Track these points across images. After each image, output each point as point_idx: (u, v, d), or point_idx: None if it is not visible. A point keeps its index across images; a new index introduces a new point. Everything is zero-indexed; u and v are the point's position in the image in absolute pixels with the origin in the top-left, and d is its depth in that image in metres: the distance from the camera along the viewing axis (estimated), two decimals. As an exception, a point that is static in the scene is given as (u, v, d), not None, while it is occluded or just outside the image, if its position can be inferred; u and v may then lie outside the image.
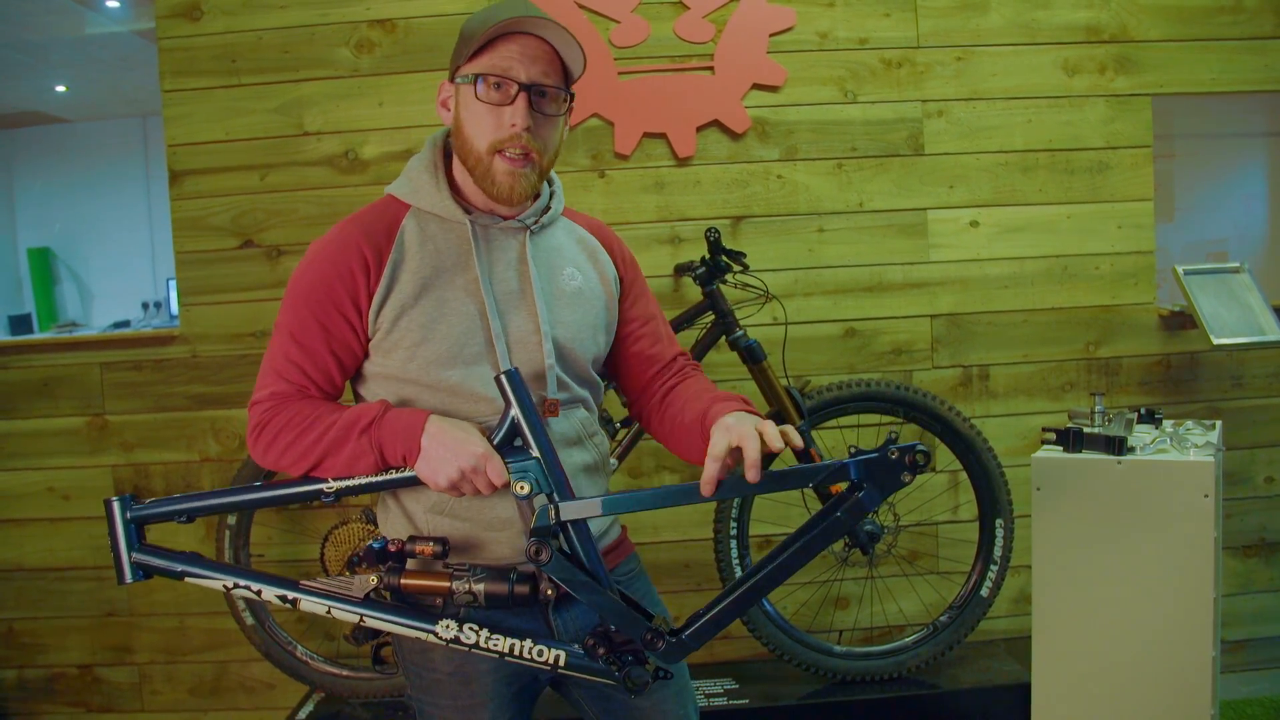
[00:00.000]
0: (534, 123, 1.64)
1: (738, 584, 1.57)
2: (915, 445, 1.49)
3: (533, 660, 1.60)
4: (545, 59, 1.65)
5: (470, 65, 1.64)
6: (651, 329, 1.87)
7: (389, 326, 1.64)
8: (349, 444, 1.58)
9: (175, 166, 3.44)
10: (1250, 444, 3.61)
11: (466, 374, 1.64)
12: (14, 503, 3.53)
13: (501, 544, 1.66)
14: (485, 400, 1.64)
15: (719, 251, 3.15)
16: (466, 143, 1.66)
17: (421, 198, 1.71)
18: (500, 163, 1.64)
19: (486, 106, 1.63)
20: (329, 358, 1.66)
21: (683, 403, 1.76)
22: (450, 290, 1.66)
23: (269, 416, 1.63)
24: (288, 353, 1.66)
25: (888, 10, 3.47)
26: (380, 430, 1.57)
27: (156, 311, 6.63)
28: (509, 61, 1.62)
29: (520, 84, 1.62)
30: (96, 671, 3.58)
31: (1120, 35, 3.52)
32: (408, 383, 1.65)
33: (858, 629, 3.55)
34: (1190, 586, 2.56)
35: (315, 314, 1.64)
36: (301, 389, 1.66)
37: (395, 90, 3.42)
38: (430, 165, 1.73)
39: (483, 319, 1.66)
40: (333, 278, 1.63)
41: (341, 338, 1.65)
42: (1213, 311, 3.31)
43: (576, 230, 1.84)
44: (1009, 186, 3.53)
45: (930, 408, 3.16)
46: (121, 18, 5.25)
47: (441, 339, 1.64)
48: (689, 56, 3.44)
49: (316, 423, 1.60)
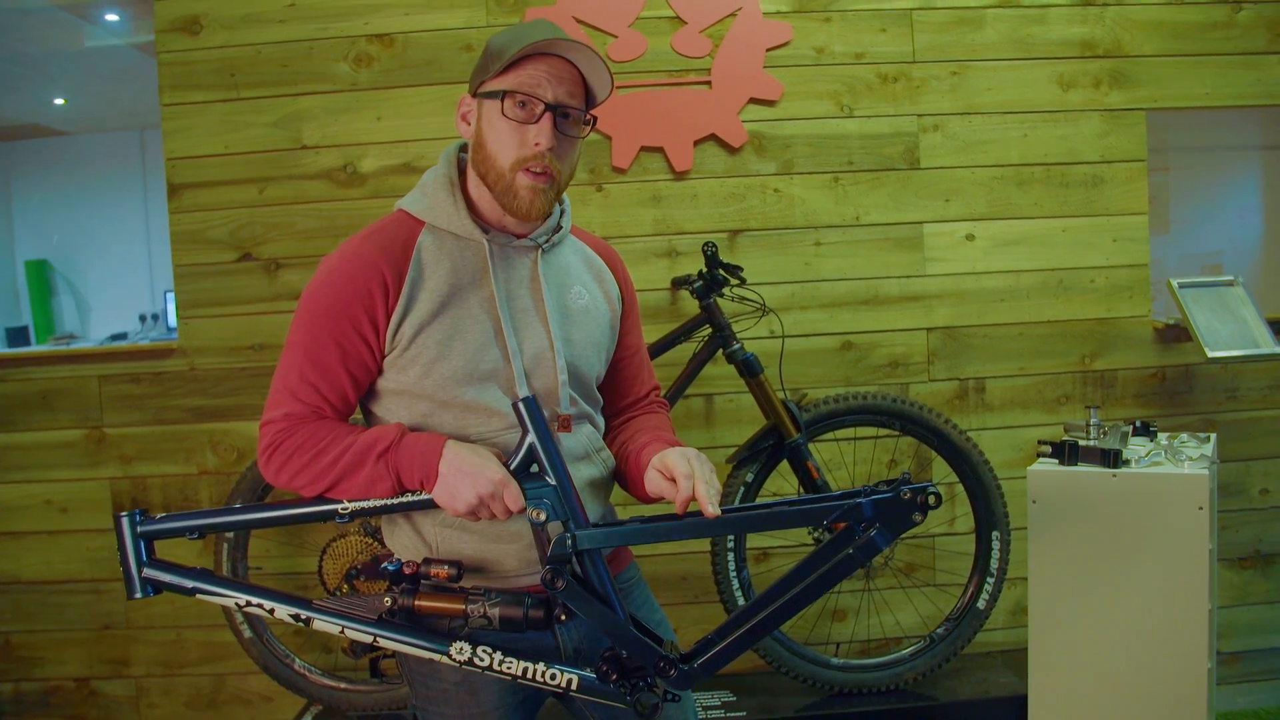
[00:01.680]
0: (556, 142, 1.65)
1: (749, 613, 1.58)
2: (928, 486, 1.50)
3: (545, 684, 1.61)
4: (571, 81, 1.66)
5: (497, 81, 1.64)
6: (637, 360, 1.91)
7: (406, 344, 1.64)
8: (365, 468, 1.58)
9: (174, 180, 3.45)
10: (1245, 456, 3.62)
11: (481, 391, 1.65)
12: (11, 515, 3.53)
13: (510, 556, 1.67)
14: (499, 416, 1.65)
15: (716, 265, 3.16)
16: (489, 158, 1.67)
17: (438, 216, 1.70)
18: (523, 178, 1.64)
19: (511, 124, 1.64)
20: (344, 376, 1.65)
21: (633, 432, 1.81)
22: (466, 308, 1.67)
23: (282, 438, 1.62)
24: (302, 372, 1.64)
25: (884, 25, 3.49)
26: (398, 455, 1.58)
27: (154, 324, 6.63)
28: (537, 80, 1.63)
29: (546, 104, 1.63)
30: (93, 685, 3.57)
31: (1114, 50, 3.55)
32: (422, 399, 1.66)
33: (855, 641, 3.56)
34: (1186, 599, 2.57)
35: (332, 334, 1.62)
36: (316, 409, 1.64)
37: (394, 104, 3.44)
38: (448, 182, 1.73)
39: (498, 336, 1.67)
40: (350, 297, 1.62)
41: (358, 356, 1.64)
42: (1207, 324, 3.33)
43: (584, 249, 1.86)
44: (1004, 200, 3.55)
45: (926, 420, 3.17)
46: (121, 31, 5.26)
47: (458, 356, 1.64)
48: (686, 71, 3.46)
49: (332, 446, 1.60)
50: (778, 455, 3.13)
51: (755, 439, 3.13)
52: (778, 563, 3.52)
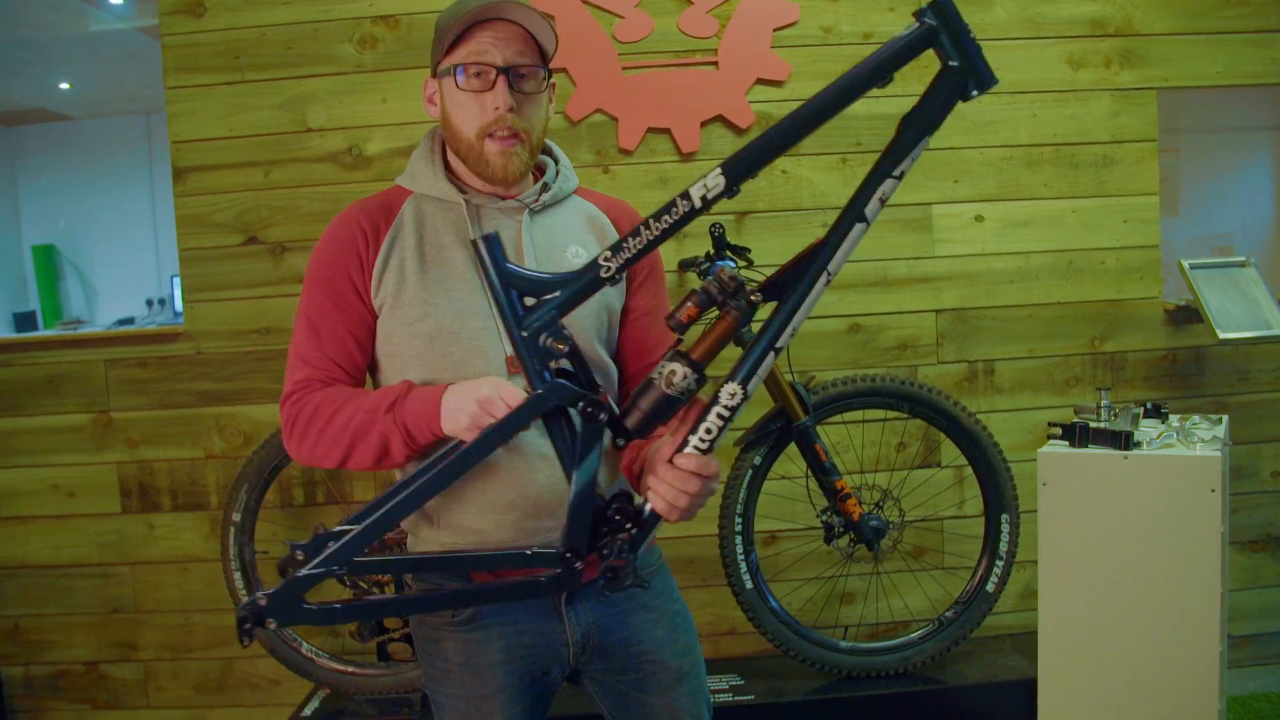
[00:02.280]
0: (517, 103, 1.67)
1: None
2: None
3: None
4: (519, 40, 1.67)
5: (448, 58, 1.68)
6: (648, 323, 1.85)
7: (392, 300, 1.68)
8: (376, 425, 1.59)
9: (179, 163, 3.44)
10: (1257, 438, 3.60)
11: (471, 349, 1.67)
12: (19, 500, 3.53)
13: (505, 527, 1.67)
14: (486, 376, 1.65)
15: (723, 247, 3.14)
16: (456, 132, 1.71)
17: (420, 182, 1.76)
18: (491, 145, 1.68)
19: (469, 94, 1.67)
20: (347, 338, 1.70)
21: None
22: (449, 267, 1.69)
23: (298, 409, 1.66)
24: (309, 338, 1.69)
25: (891, 5, 3.46)
26: (404, 407, 1.59)
27: (161, 308, 6.65)
28: (484, 47, 1.65)
29: (498, 68, 1.65)
30: (102, 668, 3.58)
31: (1125, 29, 3.51)
32: (413, 359, 1.68)
33: (863, 625, 3.55)
34: (1197, 581, 2.56)
35: (327, 295, 1.69)
36: (325, 373, 1.68)
37: (399, 86, 3.42)
38: (427, 153, 1.79)
39: (482, 294, 1.68)
40: (338, 258, 1.69)
41: (356, 314, 1.69)
42: (1218, 306, 3.31)
43: (588, 208, 1.84)
44: (1014, 181, 3.53)
45: (935, 403, 3.15)
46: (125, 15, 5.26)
47: (443, 314, 1.67)
48: (693, 51, 3.43)
49: (344, 409, 1.62)
50: (786, 438, 3.11)
51: (763, 421, 3.11)
52: (785, 545, 3.52)
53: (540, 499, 1.67)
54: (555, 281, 1.50)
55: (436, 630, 1.73)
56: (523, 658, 1.70)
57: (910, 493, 3.41)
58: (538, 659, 1.72)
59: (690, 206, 1.41)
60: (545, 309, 1.48)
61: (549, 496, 1.66)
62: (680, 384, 1.42)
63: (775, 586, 3.29)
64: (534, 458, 1.66)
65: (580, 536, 1.48)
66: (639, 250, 1.45)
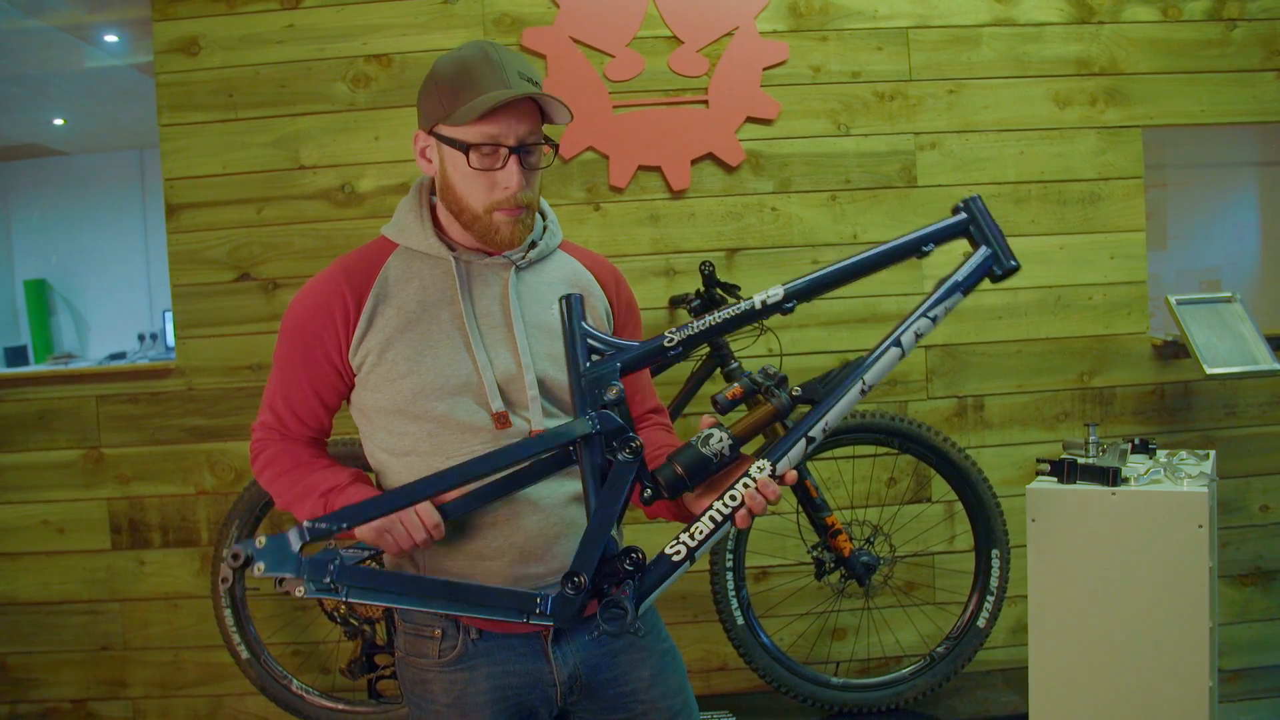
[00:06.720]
0: (525, 179, 1.67)
1: None
2: None
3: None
4: (530, 117, 1.66)
5: (458, 131, 1.64)
6: (631, 378, 1.83)
7: (375, 360, 1.68)
8: (308, 501, 1.67)
9: (172, 200, 3.45)
10: (1245, 473, 3.62)
11: (454, 405, 1.66)
12: (8, 536, 3.52)
13: (493, 575, 1.66)
14: (472, 431, 1.66)
15: (714, 284, 3.16)
16: (459, 200, 1.69)
17: (408, 237, 1.76)
18: (501, 216, 1.68)
19: (479, 173, 1.66)
20: (313, 398, 1.74)
21: None
22: (436, 324, 1.69)
23: (260, 448, 1.77)
24: (277, 391, 1.76)
25: (880, 44, 3.51)
26: (337, 499, 1.64)
27: (153, 344, 6.64)
28: (499, 130, 1.63)
29: (510, 148, 1.64)
30: (90, 706, 3.56)
31: (1110, 68, 3.56)
32: (397, 415, 1.68)
33: (855, 660, 3.54)
34: (1186, 616, 2.56)
35: (301, 356, 1.72)
36: (284, 428, 1.76)
37: (391, 124, 3.44)
38: (416, 207, 1.78)
39: (468, 351, 1.68)
40: (314, 324, 1.70)
41: (325, 379, 1.73)
42: (1206, 341, 3.33)
43: (573, 265, 1.85)
44: (1002, 218, 3.53)
45: (925, 439, 3.16)
46: (120, 52, 5.28)
47: (427, 370, 1.67)
48: (683, 90, 3.47)
49: (290, 473, 1.72)
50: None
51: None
52: (777, 581, 3.51)
53: (528, 545, 1.67)
54: (622, 345, 1.62)
55: (423, 671, 1.73)
56: (510, 698, 1.69)
57: (901, 528, 3.42)
58: (525, 699, 1.71)
59: (751, 307, 1.62)
60: (608, 362, 1.60)
61: (537, 542, 1.66)
62: (716, 445, 1.54)
63: (766, 622, 3.29)
64: (522, 504, 1.66)
65: (589, 564, 1.52)
66: (701, 331, 1.61)
